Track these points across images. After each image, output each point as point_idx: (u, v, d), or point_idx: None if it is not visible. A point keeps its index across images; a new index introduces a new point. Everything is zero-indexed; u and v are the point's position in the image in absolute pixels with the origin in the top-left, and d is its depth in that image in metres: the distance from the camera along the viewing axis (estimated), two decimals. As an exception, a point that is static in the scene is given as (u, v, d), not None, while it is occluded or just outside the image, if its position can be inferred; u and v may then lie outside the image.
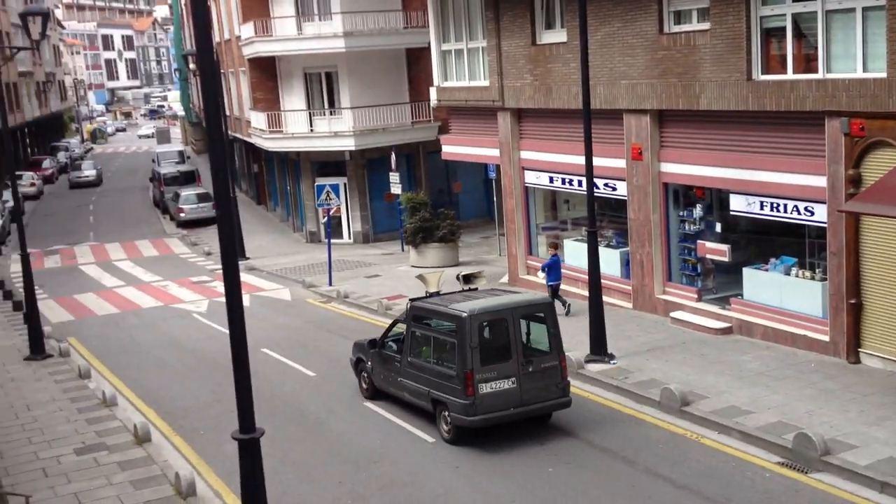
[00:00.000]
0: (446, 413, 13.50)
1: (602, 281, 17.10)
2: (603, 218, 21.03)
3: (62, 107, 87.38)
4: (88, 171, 59.82)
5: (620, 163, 19.56)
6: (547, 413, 13.94)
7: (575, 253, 21.77)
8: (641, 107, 18.65)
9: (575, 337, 17.84)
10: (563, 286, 20.51)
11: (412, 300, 15.17)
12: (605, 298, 17.20)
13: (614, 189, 20.17)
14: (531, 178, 23.16)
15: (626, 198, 19.73)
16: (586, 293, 17.22)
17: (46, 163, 62.75)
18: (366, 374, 15.97)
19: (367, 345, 15.97)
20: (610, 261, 20.33)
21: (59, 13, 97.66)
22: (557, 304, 18.48)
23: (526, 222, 23.72)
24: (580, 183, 20.17)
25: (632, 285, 20.02)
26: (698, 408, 13.83)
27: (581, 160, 16.98)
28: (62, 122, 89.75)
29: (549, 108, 21.47)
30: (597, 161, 16.94)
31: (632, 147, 19.16)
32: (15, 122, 54.09)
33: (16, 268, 30.30)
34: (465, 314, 13.26)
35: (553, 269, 20.21)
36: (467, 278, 16.07)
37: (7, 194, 42.10)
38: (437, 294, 15.43)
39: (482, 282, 16.42)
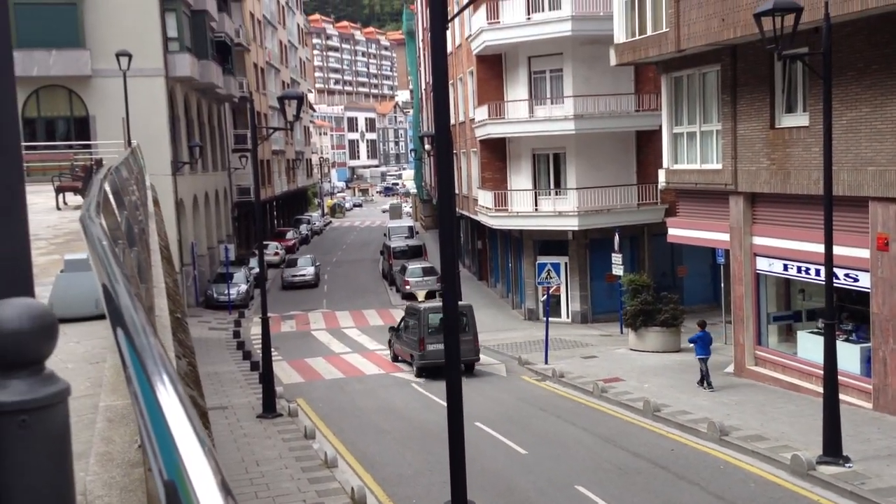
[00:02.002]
0: (413, 361, 26.04)
1: (839, 378, 15.91)
2: (842, 310, 19.67)
3: (307, 183, 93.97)
4: (305, 269, 49.92)
5: (864, 252, 18.30)
6: (467, 364, 24.76)
7: (809, 346, 20.45)
8: (890, 195, 17.42)
9: (807, 435, 16.64)
10: (795, 381, 19.34)
11: (408, 305, 29.38)
12: (841, 396, 15.96)
13: (856, 280, 18.85)
14: (763, 264, 22.15)
15: (868, 290, 18.37)
16: (820, 389, 16.06)
17: (290, 234, 67.35)
18: (391, 347, 28.91)
19: (391, 329, 29.29)
20: (848, 356, 18.92)
21: (311, 97, 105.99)
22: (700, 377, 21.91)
23: (756, 311, 22.62)
24: (818, 272, 19.04)
25: (872, 384, 18.46)
26: (950, 526, 12.39)
27: (819, 248, 16.06)
28: (306, 196, 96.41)
29: (786, 193, 20.58)
30: (837, 250, 15.96)
31: (877, 237, 17.88)
32: (266, 196, 58.80)
33: (256, 330, 32.52)
34: (422, 309, 26.18)
35: (699, 343, 21.90)
36: (441, 295, 31.96)
37: (253, 262, 45.56)
38: (422, 302, 30.48)
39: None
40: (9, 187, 2.06)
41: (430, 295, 36.19)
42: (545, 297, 28.62)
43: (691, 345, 22.78)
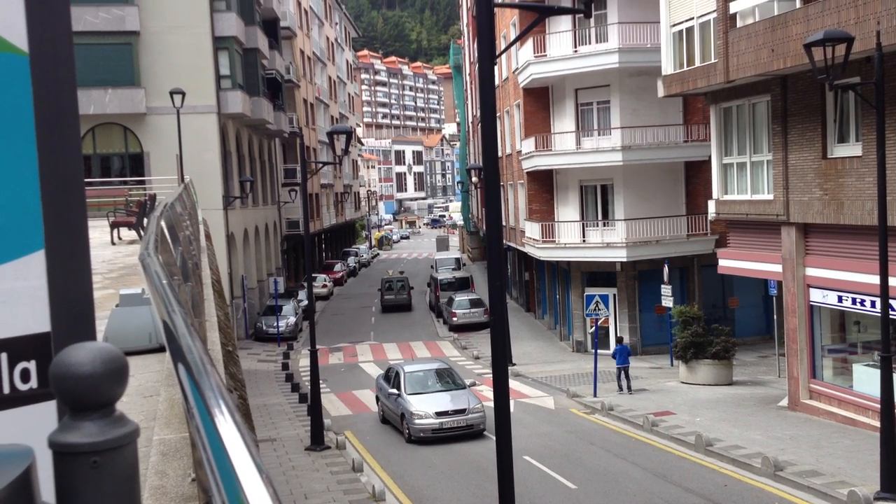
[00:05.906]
0: (374, 307, 51.01)
1: (898, 412, 15.51)
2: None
3: (355, 216, 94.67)
4: (463, 402, 23.08)
5: (921, 284, 17.87)
6: (405, 305, 51.90)
7: (865, 379, 19.98)
8: (946, 223, 17.05)
9: (864, 471, 16.24)
10: (851, 415, 18.94)
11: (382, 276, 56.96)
12: (901, 432, 15.53)
13: (913, 312, 18.40)
14: (817, 296, 21.76)
15: (927, 322, 17.92)
16: (877, 423, 15.68)
17: (338, 266, 67.82)
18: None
19: (379, 291, 53.60)
20: (907, 391, 18.41)
21: (359, 131, 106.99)
22: (622, 384, 26.47)
23: (810, 343, 22.21)
24: (873, 304, 18.66)
25: (934, 420, 17.94)
26: None
27: (875, 279, 15.76)
28: (354, 229, 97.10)
29: (839, 224, 20.25)
30: (893, 281, 15.66)
31: (934, 267, 17.47)
32: (314, 229, 59.39)
33: (304, 362, 32.73)
34: (384, 279, 53.57)
35: (619, 355, 26.30)
36: (399, 276, 54.35)
37: (302, 294, 45.94)
38: (389, 276, 55.17)
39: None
40: (74, 232, 2.14)
41: (399, 277, 54.25)
42: (593, 328, 28.42)
43: (613, 359, 27.42)
